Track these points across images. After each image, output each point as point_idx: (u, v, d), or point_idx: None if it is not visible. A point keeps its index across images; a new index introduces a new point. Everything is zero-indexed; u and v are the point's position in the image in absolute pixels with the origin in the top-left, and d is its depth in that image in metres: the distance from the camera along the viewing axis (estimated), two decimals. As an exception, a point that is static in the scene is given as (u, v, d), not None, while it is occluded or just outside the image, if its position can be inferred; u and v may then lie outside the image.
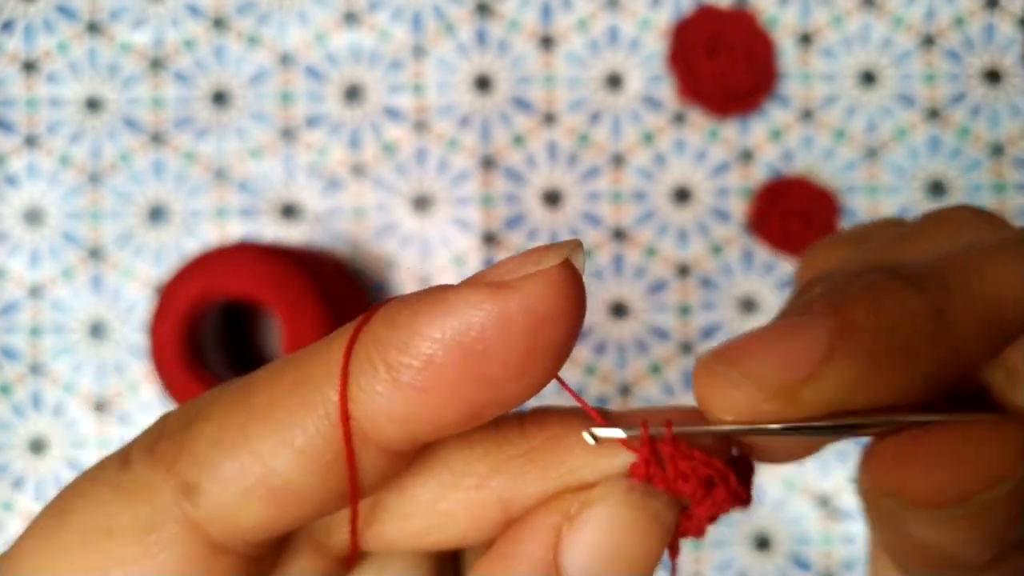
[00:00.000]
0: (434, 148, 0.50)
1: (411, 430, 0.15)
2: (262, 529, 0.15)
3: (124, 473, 0.15)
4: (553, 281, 0.14)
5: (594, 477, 0.17)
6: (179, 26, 0.50)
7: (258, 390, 0.15)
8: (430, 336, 0.14)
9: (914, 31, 0.49)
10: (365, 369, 0.14)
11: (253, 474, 0.15)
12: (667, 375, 0.49)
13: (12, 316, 0.49)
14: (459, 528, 0.17)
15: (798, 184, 0.49)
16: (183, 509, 0.15)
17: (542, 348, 0.14)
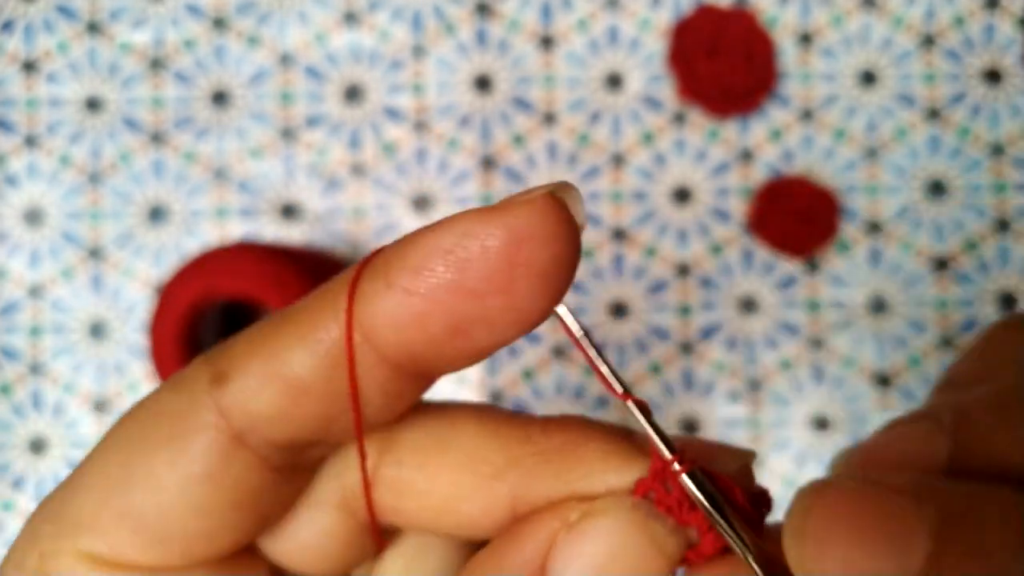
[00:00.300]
0: (434, 148, 0.50)
1: (404, 336, 0.16)
2: (275, 422, 0.17)
3: (179, 372, 0.18)
4: (537, 206, 0.15)
5: (602, 488, 0.17)
6: (179, 26, 0.50)
7: (294, 305, 0.17)
8: (423, 246, 0.15)
9: (914, 31, 0.49)
10: (369, 276, 0.16)
11: (271, 367, 0.16)
12: (667, 375, 0.49)
13: (12, 316, 0.49)
14: (471, 516, 0.18)
15: (798, 184, 0.49)
16: (213, 395, 0.17)
17: (524, 267, 0.15)
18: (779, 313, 0.49)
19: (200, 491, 0.17)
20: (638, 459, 0.17)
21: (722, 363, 0.49)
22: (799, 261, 0.49)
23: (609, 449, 0.17)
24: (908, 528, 0.14)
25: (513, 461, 0.17)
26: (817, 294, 0.49)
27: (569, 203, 0.15)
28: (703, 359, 0.49)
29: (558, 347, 0.49)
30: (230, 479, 0.17)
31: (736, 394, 0.49)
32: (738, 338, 0.49)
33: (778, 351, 0.49)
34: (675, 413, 0.49)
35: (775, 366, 0.49)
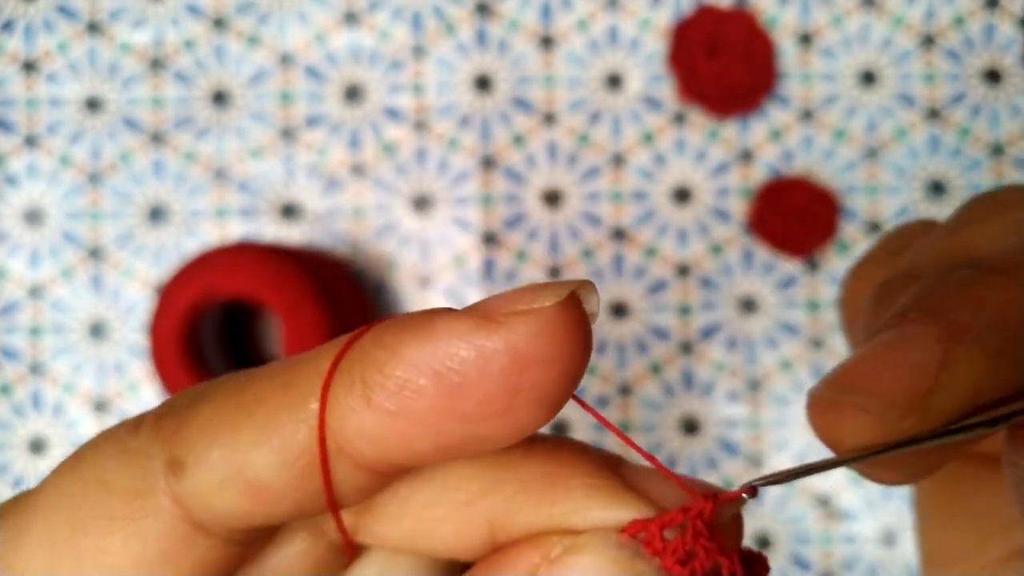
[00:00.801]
0: (434, 148, 0.50)
1: (383, 451, 0.14)
2: (239, 519, 0.15)
3: (132, 436, 0.16)
4: (544, 321, 0.13)
5: (584, 525, 0.16)
6: (179, 26, 0.50)
7: (253, 384, 0.15)
8: (408, 359, 0.14)
9: (914, 31, 0.49)
10: (344, 382, 0.14)
11: (232, 464, 0.15)
12: (667, 375, 0.49)
13: (12, 316, 0.49)
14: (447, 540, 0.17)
15: (798, 184, 0.49)
16: (169, 482, 0.15)
17: (527, 391, 0.14)
18: (779, 313, 0.49)
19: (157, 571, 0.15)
20: (627, 496, 0.16)
21: (722, 363, 0.49)
22: (799, 261, 0.49)
23: (596, 484, 0.16)
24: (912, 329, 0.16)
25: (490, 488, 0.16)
26: (817, 294, 0.49)
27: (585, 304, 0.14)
28: (703, 359, 0.49)
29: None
30: (190, 560, 0.16)
31: (736, 394, 0.49)
32: (738, 338, 0.49)
33: (778, 351, 0.49)
34: (675, 413, 0.49)
35: (775, 366, 0.49)
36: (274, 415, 0.15)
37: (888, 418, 0.15)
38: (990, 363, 0.15)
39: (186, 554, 0.16)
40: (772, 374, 0.49)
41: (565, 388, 0.14)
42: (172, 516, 0.15)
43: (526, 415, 0.14)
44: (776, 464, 0.48)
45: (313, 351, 0.16)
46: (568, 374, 0.14)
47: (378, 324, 0.15)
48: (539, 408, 0.14)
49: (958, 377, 0.15)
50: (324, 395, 0.14)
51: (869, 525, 0.48)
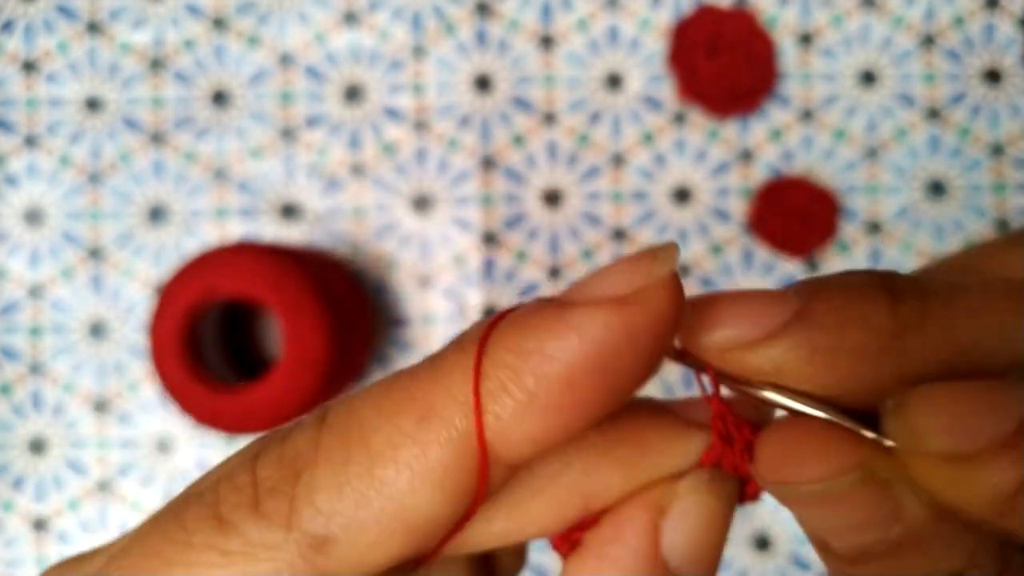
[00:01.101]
0: (434, 148, 0.50)
1: (545, 446, 0.15)
2: (394, 562, 0.15)
3: (230, 537, 0.15)
4: (670, 289, 0.15)
5: (672, 469, 0.18)
6: (179, 26, 0.50)
7: (373, 430, 0.15)
8: (565, 359, 0.14)
9: (914, 31, 0.49)
10: (500, 398, 0.15)
11: (390, 515, 0.15)
12: (667, 375, 0.49)
13: (12, 316, 0.49)
14: (539, 526, 0.18)
15: (798, 184, 0.49)
16: (313, 563, 0.15)
17: (661, 351, 0.16)
18: (779, 313, 0.49)
19: None
20: (692, 432, 0.18)
21: (722, 363, 0.49)
22: (799, 261, 0.49)
23: (666, 433, 0.18)
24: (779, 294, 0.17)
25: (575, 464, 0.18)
26: (817, 294, 0.49)
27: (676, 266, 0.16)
28: (703, 359, 0.49)
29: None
30: None
31: (736, 394, 0.49)
32: (738, 338, 0.49)
33: (778, 351, 0.49)
34: (675, 413, 0.49)
35: (775, 366, 0.49)
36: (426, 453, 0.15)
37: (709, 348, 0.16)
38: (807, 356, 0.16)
39: None
40: (772, 374, 0.49)
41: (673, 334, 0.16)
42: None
43: (657, 368, 0.16)
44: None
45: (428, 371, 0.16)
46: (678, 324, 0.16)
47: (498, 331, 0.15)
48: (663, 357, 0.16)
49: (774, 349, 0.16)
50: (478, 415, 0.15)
51: (869, 525, 0.48)
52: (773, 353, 0.16)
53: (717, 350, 0.16)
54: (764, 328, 0.16)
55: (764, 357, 0.16)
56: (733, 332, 0.16)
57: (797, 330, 0.16)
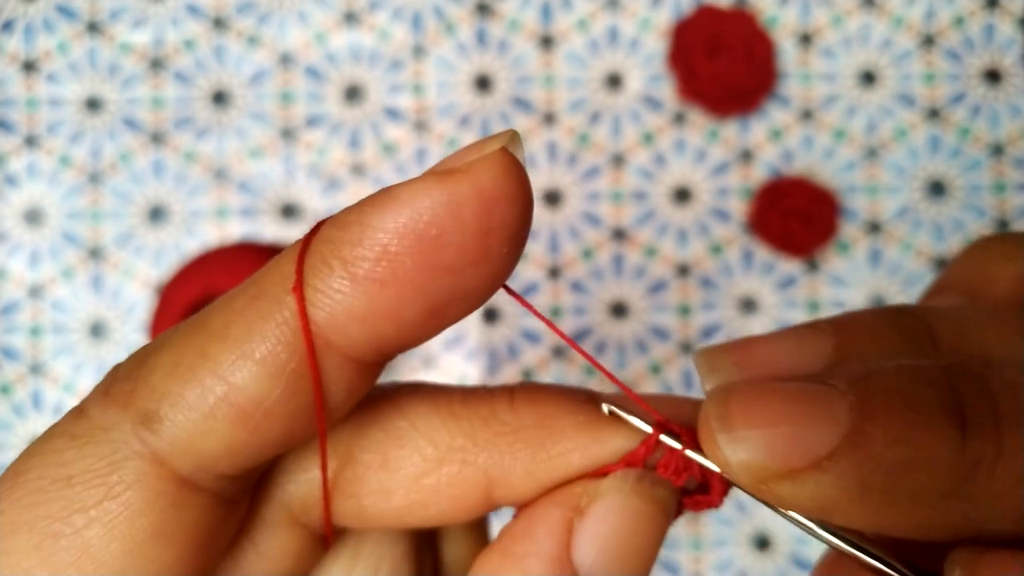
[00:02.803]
0: (434, 148, 0.50)
1: (374, 330, 0.14)
2: (230, 455, 0.15)
3: (79, 422, 0.15)
4: (498, 164, 0.14)
5: (583, 462, 0.17)
6: (179, 26, 0.50)
7: (213, 314, 0.15)
8: (383, 227, 0.14)
9: (914, 31, 0.49)
10: (320, 270, 0.14)
11: (216, 393, 0.14)
12: (667, 375, 0.49)
13: (12, 316, 0.49)
14: (441, 506, 0.17)
15: (798, 184, 0.49)
16: (144, 441, 0.14)
17: (496, 230, 0.14)
18: (779, 313, 0.49)
19: (151, 554, 0.14)
20: (611, 426, 0.17)
21: (722, 363, 0.49)
22: (799, 261, 0.49)
23: (583, 421, 0.17)
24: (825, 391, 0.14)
25: (483, 443, 0.17)
26: (817, 294, 0.49)
27: (519, 154, 0.15)
28: (703, 359, 0.49)
29: (558, 347, 0.49)
30: (182, 529, 0.15)
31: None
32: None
33: (778, 351, 0.49)
34: (675, 413, 0.49)
35: (775, 366, 0.49)
36: (251, 327, 0.14)
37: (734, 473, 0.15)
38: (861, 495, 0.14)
39: (178, 521, 0.14)
40: (772, 374, 0.49)
41: (524, 223, 0.14)
42: (155, 479, 0.14)
43: (498, 256, 0.14)
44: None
45: (267, 264, 0.15)
46: (524, 209, 0.14)
47: (326, 221, 0.15)
48: (509, 247, 0.14)
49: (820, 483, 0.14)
50: (299, 288, 0.14)
51: (869, 525, 0.48)
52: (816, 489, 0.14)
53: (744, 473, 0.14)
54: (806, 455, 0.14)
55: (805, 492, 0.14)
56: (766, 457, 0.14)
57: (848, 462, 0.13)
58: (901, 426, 0.13)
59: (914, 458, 0.13)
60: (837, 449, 0.13)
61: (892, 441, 0.13)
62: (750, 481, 0.14)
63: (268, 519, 0.17)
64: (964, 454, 0.13)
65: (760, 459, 0.14)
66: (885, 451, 0.13)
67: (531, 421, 0.17)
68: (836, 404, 0.14)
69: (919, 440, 0.13)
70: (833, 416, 0.14)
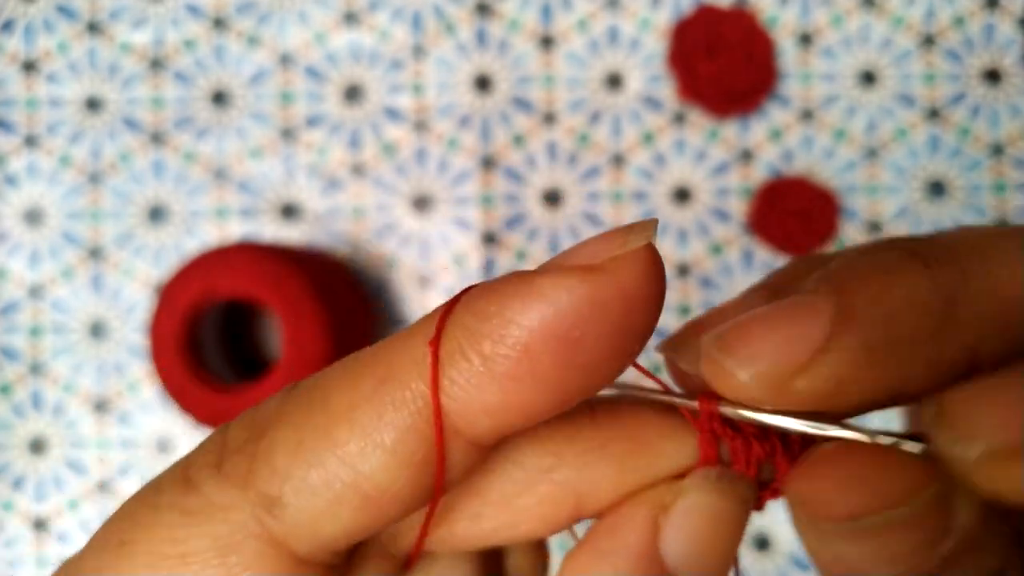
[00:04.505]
0: (434, 148, 0.50)
1: (503, 421, 0.14)
2: (349, 536, 0.15)
3: (191, 496, 0.15)
4: (643, 261, 0.14)
5: (671, 469, 0.17)
6: (179, 26, 0.50)
7: (335, 392, 0.15)
8: (525, 325, 0.14)
9: (914, 31, 0.49)
10: (457, 361, 0.14)
11: (342, 480, 0.14)
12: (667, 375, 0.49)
13: (12, 316, 0.49)
14: (530, 525, 0.17)
15: (798, 184, 0.49)
16: (265, 525, 0.14)
17: (633, 330, 0.14)
18: (779, 313, 0.49)
19: None
20: (689, 431, 0.17)
21: (722, 363, 0.49)
22: (799, 261, 0.49)
23: (666, 430, 0.17)
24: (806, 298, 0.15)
25: (570, 461, 0.17)
26: (817, 294, 0.49)
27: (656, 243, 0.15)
28: (703, 359, 0.49)
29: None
30: None
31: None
32: (738, 338, 0.49)
33: (778, 351, 0.49)
34: (675, 413, 0.49)
35: (775, 366, 0.49)
36: (381, 415, 0.14)
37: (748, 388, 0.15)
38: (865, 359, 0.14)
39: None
40: (772, 374, 0.49)
41: (656, 319, 0.15)
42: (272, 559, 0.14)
43: (630, 354, 0.15)
44: (776, 464, 0.48)
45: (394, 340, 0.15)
46: (660, 308, 0.15)
47: (462, 300, 0.15)
48: (640, 345, 0.15)
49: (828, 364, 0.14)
50: (435, 378, 0.14)
51: (869, 525, 0.48)
52: (827, 370, 0.14)
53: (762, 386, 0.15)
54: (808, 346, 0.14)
55: (819, 377, 0.14)
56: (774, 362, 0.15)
57: (845, 335, 0.14)
58: (875, 287, 0.15)
59: (897, 306, 0.14)
60: (832, 331, 0.14)
61: (872, 301, 0.14)
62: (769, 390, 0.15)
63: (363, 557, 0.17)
64: (937, 285, 0.14)
65: (771, 366, 0.15)
66: (870, 311, 0.14)
67: (614, 434, 0.17)
68: (817, 299, 0.15)
69: (894, 290, 0.14)
70: (817, 308, 0.15)
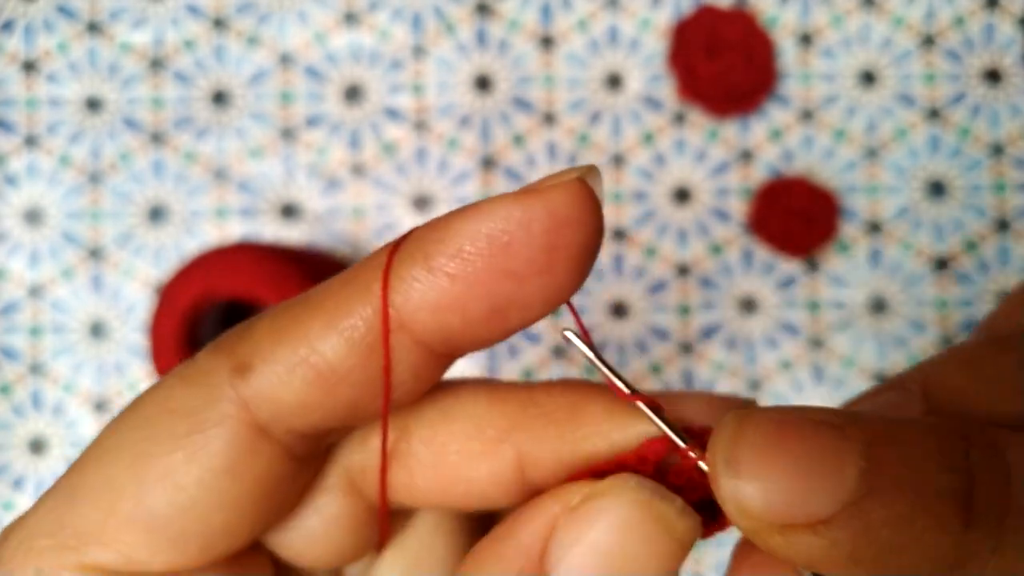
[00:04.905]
0: (434, 148, 0.50)
1: (441, 319, 0.16)
2: (303, 411, 0.16)
3: (190, 365, 0.17)
4: (572, 190, 0.16)
5: (605, 446, 0.17)
6: (179, 26, 0.50)
7: (317, 290, 0.17)
8: (462, 230, 0.16)
9: (914, 31, 0.49)
10: (405, 260, 0.16)
11: (300, 354, 0.16)
12: (667, 375, 0.49)
13: (12, 316, 0.49)
14: (481, 482, 0.18)
15: (798, 184, 0.49)
16: (235, 387, 0.16)
17: (563, 247, 0.16)
18: (779, 313, 0.49)
19: (222, 486, 0.16)
20: (637, 417, 0.17)
21: (722, 363, 0.49)
22: (799, 261, 0.49)
23: (612, 407, 0.18)
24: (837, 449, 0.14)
25: (518, 424, 0.18)
26: (817, 294, 0.49)
27: (595, 187, 0.16)
28: (703, 359, 0.49)
29: (558, 347, 0.49)
30: (253, 472, 0.17)
31: (736, 394, 0.49)
32: (738, 338, 0.49)
33: (778, 351, 0.49)
34: (675, 413, 0.49)
35: (775, 366, 0.49)
36: (339, 303, 0.16)
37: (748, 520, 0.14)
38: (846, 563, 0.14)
39: (250, 464, 0.17)
40: (772, 374, 0.49)
41: (591, 248, 0.16)
42: (238, 422, 0.16)
43: (563, 273, 0.16)
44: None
45: (367, 257, 0.17)
46: (592, 235, 0.16)
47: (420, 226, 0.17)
48: (573, 265, 0.16)
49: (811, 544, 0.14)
50: (386, 275, 0.16)
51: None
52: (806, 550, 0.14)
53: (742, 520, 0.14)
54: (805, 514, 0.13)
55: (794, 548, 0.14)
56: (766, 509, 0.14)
57: (844, 532, 0.13)
58: (904, 510, 0.13)
59: (910, 543, 0.13)
60: (836, 516, 0.13)
61: (892, 522, 0.13)
62: (745, 525, 0.14)
63: (330, 484, 0.19)
64: (960, 545, 0.13)
65: (760, 509, 0.14)
66: (882, 530, 0.13)
67: (561, 404, 0.18)
68: (847, 465, 0.13)
69: (919, 526, 0.13)
70: (841, 479, 0.13)
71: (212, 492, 0.16)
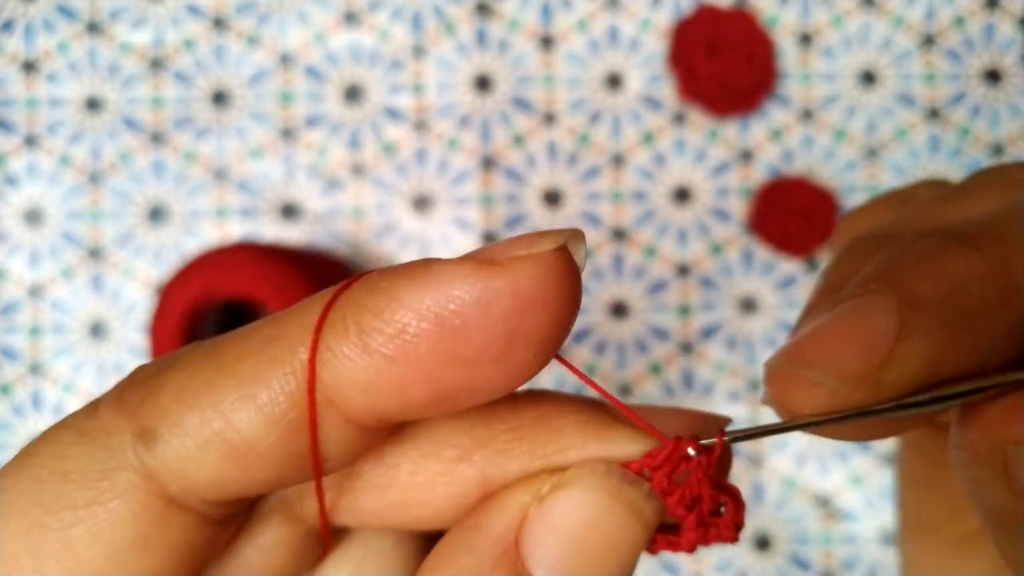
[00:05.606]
0: (434, 148, 0.50)
1: (376, 402, 0.14)
2: (218, 487, 0.15)
3: (89, 419, 0.15)
4: (545, 265, 0.13)
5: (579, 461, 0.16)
6: (179, 26, 0.50)
7: (231, 344, 0.15)
8: (406, 303, 0.13)
9: (914, 31, 0.49)
10: (337, 331, 0.14)
11: (212, 427, 0.14)
12: (667, 375, 0.49)
13: (12, 316, 0.49)
14: (437, 504, 0.16)
15: (798, 184, 0.49)
16: (139, 455, 0.14)
17: (525, 334, 0.13)
18: (779, 313, 0.49)
19: (132, 560, 0.14)
20: (617, 429, 0.16)
21: (722, 363, 0.49)
22: (799, 261, 0.49)
23: (586, 420, 0.16)
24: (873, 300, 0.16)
25: (481, 441, 0.16)
26: (817, 294, 0.49)
27: (577, 256, 0.14)
28: (703, 359, 0.49)
29: (558, 347, 0.49)
30: (166, 541, 0.15)
31: (736, 394, 0.49)
32: (738, 338, 0.49)
33: (778, 351, 0.49)
34: (675, 413, 0.49)
35: (775, 366, 0.49)
36: (259, 370, 0.14)
37: (840, 391, 0.15)
38: (946, 336, 0.15)
39: (161, 536, 0.15)
40: (772, 374, 0.49)
41: (560, 332, 0.14)
42: (144, 493, 0.14)
43: (523, 359, 0.14)
44: (776, 464, 0.48)
45: (294, 306, 0.15)
46: (563, 318, 0.14)
47: (364, 276, 0.14)
48: (536, 352, 0.14)
49: (911, 350, 0.15)
50: (314, 345, 0.14)
51: (869, 525, 0.48)
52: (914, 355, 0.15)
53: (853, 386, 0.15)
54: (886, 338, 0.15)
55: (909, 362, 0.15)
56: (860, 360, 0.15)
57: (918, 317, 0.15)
58: (932, 268, 0.15)
59: (959, 281, 0.15)
60: (906, 316, 0.15)
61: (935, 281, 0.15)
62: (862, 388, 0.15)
63: (265, 513, 0.17)
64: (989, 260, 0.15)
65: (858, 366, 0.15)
66: (935, 291, 0.15)
67: (529, 419, 0.16)
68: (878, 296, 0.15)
69: (951, 268, 0.15)
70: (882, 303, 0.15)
71: (120, 567, 0.14)
